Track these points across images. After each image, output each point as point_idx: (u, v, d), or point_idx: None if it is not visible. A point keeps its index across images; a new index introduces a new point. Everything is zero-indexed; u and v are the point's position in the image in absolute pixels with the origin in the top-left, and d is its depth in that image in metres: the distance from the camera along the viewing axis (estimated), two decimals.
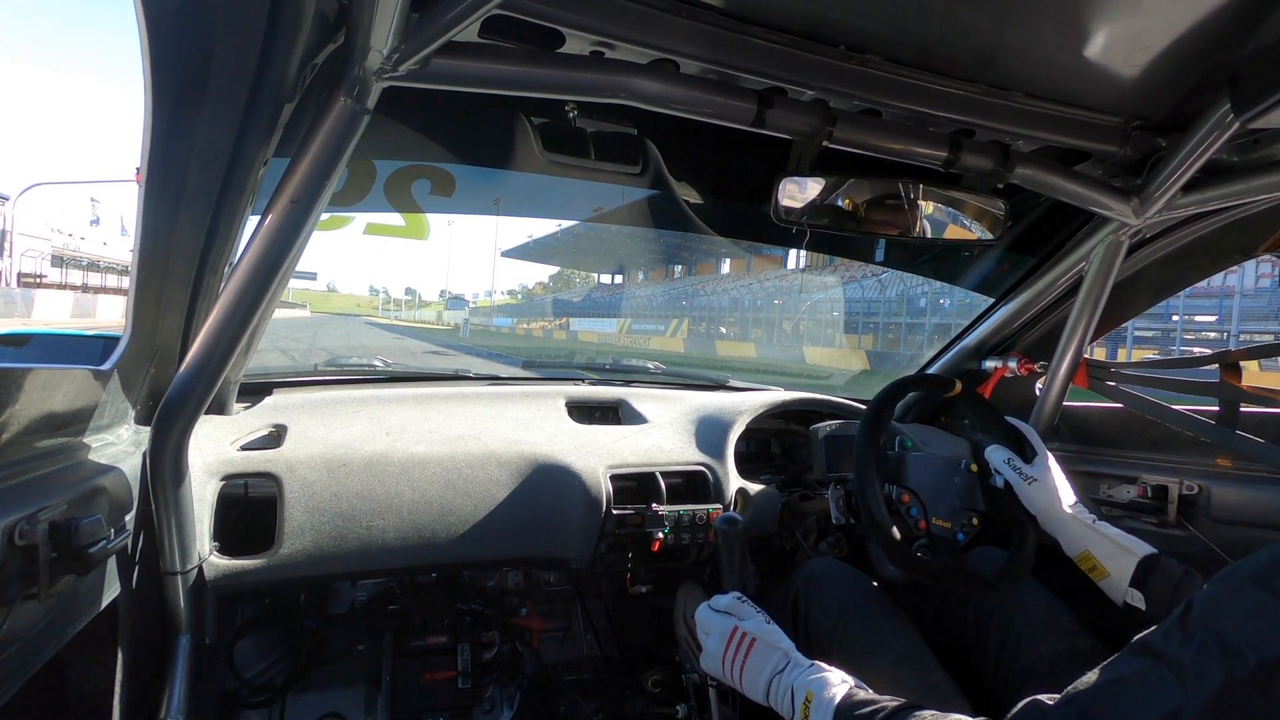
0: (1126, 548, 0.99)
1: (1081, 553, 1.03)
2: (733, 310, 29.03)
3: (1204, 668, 0.53)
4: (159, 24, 0.62)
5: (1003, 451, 1.14)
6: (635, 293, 41.24)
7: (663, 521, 1.40)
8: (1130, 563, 0.97)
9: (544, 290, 74.73)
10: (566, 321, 43.61)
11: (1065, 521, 1.05)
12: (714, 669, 0.98)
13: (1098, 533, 1.02)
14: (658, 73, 0.83)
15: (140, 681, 1.05)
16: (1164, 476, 1.28)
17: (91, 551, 0.75)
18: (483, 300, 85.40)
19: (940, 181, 1.12)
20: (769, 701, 0.90)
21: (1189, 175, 1.00)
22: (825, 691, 0.81)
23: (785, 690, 0.86)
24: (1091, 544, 1.02)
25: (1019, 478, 1.10)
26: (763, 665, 0.91)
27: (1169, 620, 0.59)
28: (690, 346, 27.46)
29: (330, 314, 64.96)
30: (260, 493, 1.24)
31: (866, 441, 1.15)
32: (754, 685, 0.91)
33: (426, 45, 0.70)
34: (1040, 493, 1.08)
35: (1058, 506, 1.06)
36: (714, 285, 31.82)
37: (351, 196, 1.18)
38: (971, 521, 1.14)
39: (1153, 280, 1.37)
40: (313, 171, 0.80)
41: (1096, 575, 1.01)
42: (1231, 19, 0.75)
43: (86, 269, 38.04)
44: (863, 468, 1.13)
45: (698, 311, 31.63)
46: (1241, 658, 0.52)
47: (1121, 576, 0.98)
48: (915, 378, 1.24)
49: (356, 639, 1.55)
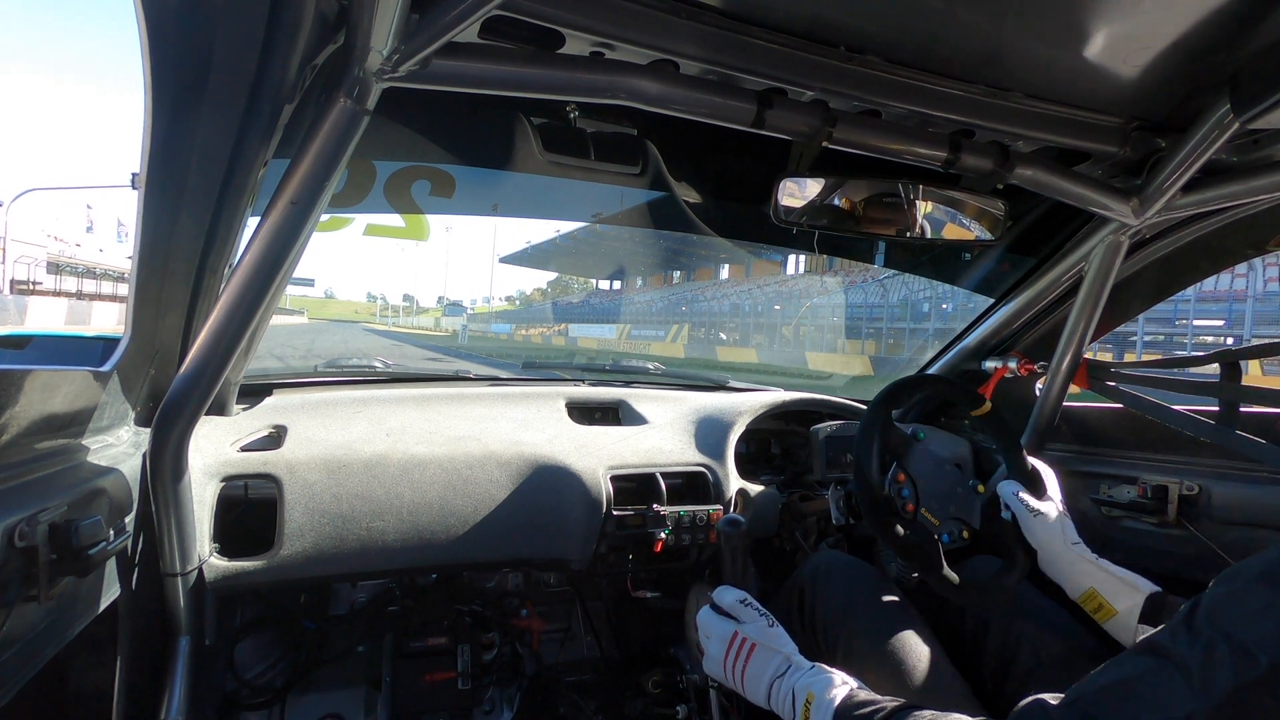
0: (1133, 584, 0.98)
1: (1085, 591, 1.00)
2: (733, 315, 29.01)
3: (1212, 668, 0.53)
4: (159, 25, 0.62)
5: (1014, 485, 1.13)
6: (635, 298, 41.06)
7: (664, 522, 1.40)
8: (1138, 599, 0.96)
9: (542, 296, 74.01)
10: (565, 327, 43.40)
11: (1068, 559, 1.03)
12: (715, 673, 0.98)
13: (1103, 570, 1.00)
14: (658, 73, 0.83)
15: (140, 683, 1.05)
16: (1164, 476, 1.28)
17: (91, 553, 0.75)
18: (480, 306, 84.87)
19: (940, 182, 1.12)
20: (770, 705, 0.89)
21: (1189, 175, 1.00)
22: (826, 692, 0.81)
23: (786, 693, 0.86)
24: (1097, 581, 1.00)
25: (1024, 510, 1.09)
26: (763, 669, 0.91)
27: (1175, 619, 0.59)
28: (691, 352, 27.39)
29: (328, 320, 64.68)
30: (260, 494, 1.24)
31: (878, 406, 1.16)
32: (755, 689, 0.91)
33: (426, 46, 0.70)
34: (1042, 527, 1.07)
35: (1058, 541, 1.05)
36: (714, 290, 31.77)
37: (351, 197, 1.18)
38: (961, 534, 1.14)
39: (1152, 280, 1.37)
40: (312, 172, 0.80)
41: (1102, 615, 0.99)
42: (1231, 19, 0.75)
43: (81, 275, 37.90)
44: (868, 426, 1.14)
45: (698, 317, 31.58)
46: (1252, 659, 0.51)
47: (1130, 614, 0.96)
48: (946, 382, 1.23)
49: (356, 640, 1.54)
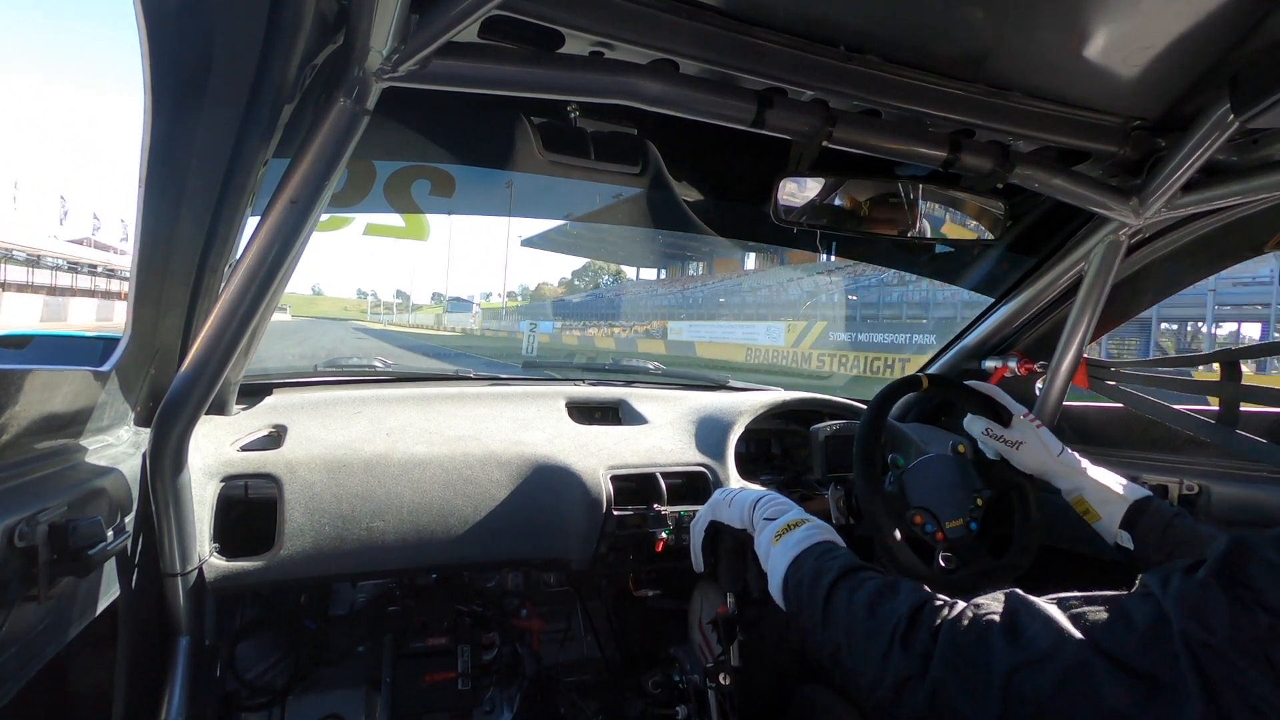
0: (1118, 492, 1.02)
1: (1075, 497, 1.06)
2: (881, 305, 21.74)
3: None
4: (159, 25, 0.61)
5: (979, 422, 1.15)
6: (731, 284, 30.35)
7: (664, 522, 1.40)
8: (1121, 506, 1.00)
9: (553, 292, 68.33)
10: (664, 325, 31.43)
11: (1058, 472, 1.08)
12: (708, 514, 1.10)
13: (1090, 478, 1.05)
14: (658, 73, 0.83)
15: (140, 683, 1.05)
16: (1164, 476, 1.28)
17: (91, 553, 0.75)
18: (489, 302, 75.11)
19: (940, 181, 1.12)
20: (752, 518, 0.98)
21: (1188, 175, 1.01)
22: (804, 530, 0.88)
23: (771, 505, 0.95)
24: (1085, 489, 1.05)
25: (1003, 445, 1.12)
26: (753, 493, 1.01)
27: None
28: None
29: (314, 318, 61.63)
30: (260, 494, 1.24)
31: (870, 488, 1.10)
32: (741, 505, 1.01)
33: (426, 46, 0.70)
34: (1028, 453, 1.10)
35: (1049, 460, 1.08)
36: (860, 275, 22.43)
37: (351, 197, 1.18)
38: (976, 503, 1.14)
39: (1153, 280, 1.37)
40: (312, 172, 0.80)
41: (1089, 519, 1.04)
42: (1231, 19, 0.75)
43: (54, 269, 36.38)
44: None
45: (825, 309, 23.43)
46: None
47: (1112, 519, 1.01)
48: (894, 382, 1.23)
49: (356, 640, 1.54)
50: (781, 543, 0.87)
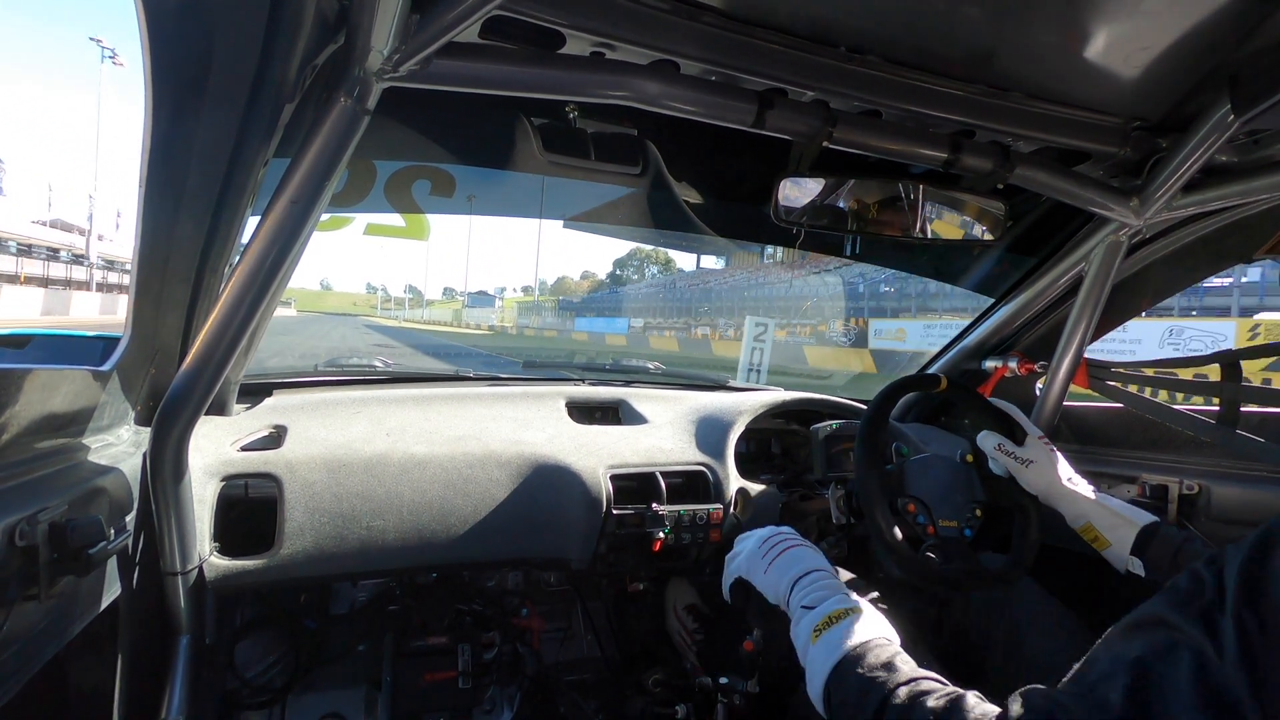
0: (1127, 518, 1.01)
1: (1083, 525, 1.04)
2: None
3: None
4: (159, 25, 0.61)
5: (993, 438, 1.13)
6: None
7: (663, 521, 1.40)
8: (1130, 532, 0.99)
9: (577, 287, 62.19)
10: (864, 325, 20.21)
11: (1066, 496, 1.06)
12: (741, 569, 0.99)
13: (1098, 505, 1.04)
14: (658, 73, 0.83)
15: (140, 682, 1.06)
16: (1164, 476, 1.28)
17: (91, 552, 0.75)
18: (515, 297, 66.85)
19: (940, 182, 1.12)
20: (788, 604, 0.87)
21: (1189, 176, 1.01)
22: (852, 625, 0.77)
23: (809, 592, 0.84)
24: (1092, 516, 1.03)
25: (1014, 462, 1.10)
26: (794, 566, 0.90)
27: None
28: None
29: (321, 313, 58.12)
30: (260, 493, 1.24)
31: (869, 463, 1.10)
32: (778, 581, 0.90)
33: (427, 46, 0.70)
34: (1037, 473, 1.08)
35: (1057, 483, 1.07)
36: None
37: (351, 197, 1.18)
38: (975, 513, 1.13)
39: (1153, 280, 1.37)
40: (313, 172, 0.80)
41: (1099, 545, 1.03)
42: (1231, 19, 0.75)
43: (47, 259, 35.33)
44: (868, 494, 1.10)
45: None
46: None
47: (1122, 545, 0.99)
48: (908, 378, 1.23)
49: (357, 639, 1.55)
50: (821, 641, 0.77)
